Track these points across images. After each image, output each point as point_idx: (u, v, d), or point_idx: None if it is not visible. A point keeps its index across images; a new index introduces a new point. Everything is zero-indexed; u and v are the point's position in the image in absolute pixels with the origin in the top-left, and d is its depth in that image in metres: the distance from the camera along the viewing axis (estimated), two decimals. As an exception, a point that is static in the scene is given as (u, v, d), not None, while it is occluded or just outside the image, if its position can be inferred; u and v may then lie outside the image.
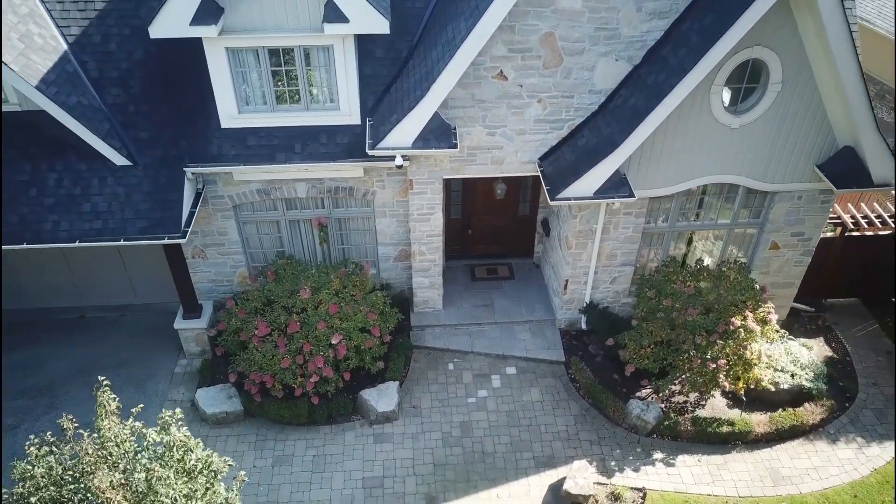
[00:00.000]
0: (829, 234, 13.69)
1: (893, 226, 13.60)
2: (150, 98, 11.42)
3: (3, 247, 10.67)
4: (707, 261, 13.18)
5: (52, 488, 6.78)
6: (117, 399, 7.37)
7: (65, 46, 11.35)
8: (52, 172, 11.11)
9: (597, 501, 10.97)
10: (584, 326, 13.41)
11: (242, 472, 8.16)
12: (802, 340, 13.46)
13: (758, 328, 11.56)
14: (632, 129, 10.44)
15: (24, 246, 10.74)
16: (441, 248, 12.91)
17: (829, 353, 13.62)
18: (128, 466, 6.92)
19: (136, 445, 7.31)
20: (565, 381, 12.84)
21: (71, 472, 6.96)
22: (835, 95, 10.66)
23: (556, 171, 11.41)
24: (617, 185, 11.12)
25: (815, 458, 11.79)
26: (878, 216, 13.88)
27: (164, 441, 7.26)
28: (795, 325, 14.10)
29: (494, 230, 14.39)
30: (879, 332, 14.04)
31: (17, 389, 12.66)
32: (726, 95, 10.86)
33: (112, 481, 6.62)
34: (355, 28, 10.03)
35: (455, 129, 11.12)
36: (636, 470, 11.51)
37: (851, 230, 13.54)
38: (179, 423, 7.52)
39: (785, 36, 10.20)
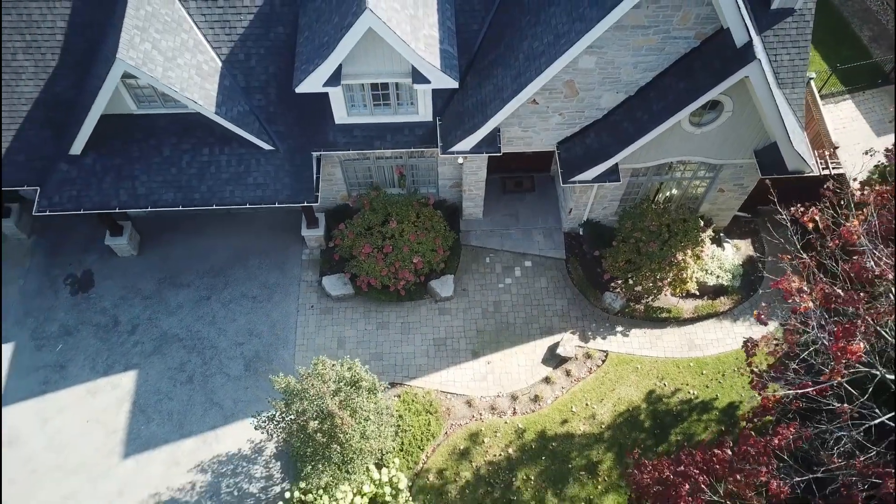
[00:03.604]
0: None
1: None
2: (283, 101, 16.06)
3: (200, 207, 16.31)
4: (674, 190, 18.47)
5: (306, 403, 13.24)
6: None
7: (220, 64, 15.72)
8: (223, 155, 16.30)
9: (577, 358, 17.99)
10: (581, 233, 19.25)
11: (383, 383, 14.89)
12: (735, 241, 19.39)
13: (692, 262, 17.48)
14: (622, 147, 15.30)
15: (213, 207, 16.38)
16: (484, 186, 18.24)
17: (752, 251, 19.55)
18: (340, 393, 13.51)
19: (339, 380, 13.81)
20: (564, 273, 19.09)
21: (311, 397, 13.42)
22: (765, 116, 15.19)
23: (568, 157, 16.36)
24: (609, 174, 16.20)
25: (720, 332, 18.48)
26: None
27: (349, 377, 13.80)
28: (734, 228, 19.79)
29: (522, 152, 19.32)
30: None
31: (203, 270, 19.08)
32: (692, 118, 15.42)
33: (339, 402, 13.27)
34: (434, 86, 14.47)
35: (500, 132, 15.90)
36: (604, 338, 18.33)
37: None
38: (357, 361, 13.98)
39: (736, 88, 14.48)
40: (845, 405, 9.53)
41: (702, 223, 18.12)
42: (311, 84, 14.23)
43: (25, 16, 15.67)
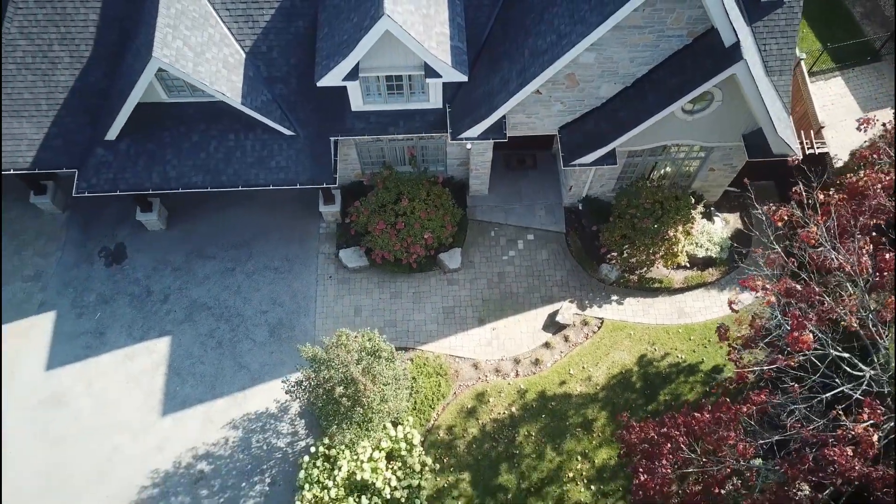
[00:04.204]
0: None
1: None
2: (303, 90, 17.21)
3: (230, 189, 17.61)
4: (668, 168, 19.71)
5: (332, 371, 14.84)
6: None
7: (244, 56, 16.82)
8: (247, 141, 17.53)
9: (574, 325, 19.55)
10: (580, 208, 20.58)
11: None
12: (725, 215, 20.76)
13: (682, 237, 18.86)
14: (619, 135, 16.53)
15: (240, 188, 17.69)
16: (489, 165, 19.49)
17: (740, 225, 20.91)
18: (362, 361, 15.07)
19: (361, 349, 15.36)
20: (564, 246, 20.49)
21: (337, 366, 14.99)
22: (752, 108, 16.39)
23: (568, 142, 17.59)
24: (606, 157, 17.45)
25: (707, 301, 19.99)
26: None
27: (370, 347, 15.33)
28: (724, 202, 21.10)
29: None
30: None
31: (227, 243, 20.48)
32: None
33: (362, 369, 14.83)
34: (445, 79, 15.62)
35: (505, 119, 17.08)
36: (600, 307, 19.84)
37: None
38: (376, 332, 15.50)
39: (725, 81, 15.62)
40: (795, 385, 11.07)
41: (693, 200, 19.42)
42: (332, 79, 15.39)
43: (60, 9, 16.70)
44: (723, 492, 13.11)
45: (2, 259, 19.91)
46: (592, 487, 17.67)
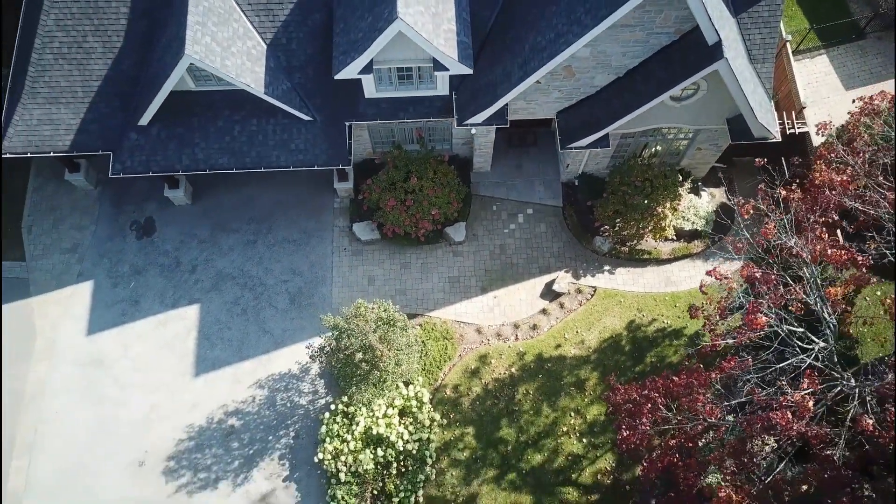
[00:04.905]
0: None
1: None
2: (320, 78, 18.56)
3: (253, 170, 19.13)
4: (658, 147, 21.16)
5: (352, 339, 16.57)
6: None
7: (265, 48, 18.14)
8: (269, 125, 18.96)
9: (569, 293, 21.28)
10: (576, 183, 22.10)
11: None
12: (711, 189, 22.29)
13: (669, 213, 20.43)
14: (612, 122, 17.95)
15: (262, 169, 19.19)
16: (492, 145, 20.93)
17: (724, 199, 22.43)
18: (379, 328, 16.81)
19: (378, 319, 17.06)
20: (560, 220, 22.08)
21: (356, 334, 16.71)
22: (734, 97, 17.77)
23: (566, 126, 19.00)
24: (600, 141, 18.90)
25: (692, 270, 21.66)
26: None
27: (385, 317, 17.05)
28: (711, 177, 22.59)
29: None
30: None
31: (246, 217, 22.07)
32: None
33: (378, 337, 16.59)
34: (452, 72, 17.00)
35: (507, 105, 18.47)
36: (593, 276, 21.54)
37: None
38: (390, 302, 17.24)
39: (711, 74, 16.98)
40: (748, 358, 12.85)
41: (680, 178, 20.92)
42: (348, 73, 16.77)
43: (93, 3, 17.94)
44: (700, 444, 15.04)
45: (40, 233, 21.56)
46: (584, 440, 19.66)
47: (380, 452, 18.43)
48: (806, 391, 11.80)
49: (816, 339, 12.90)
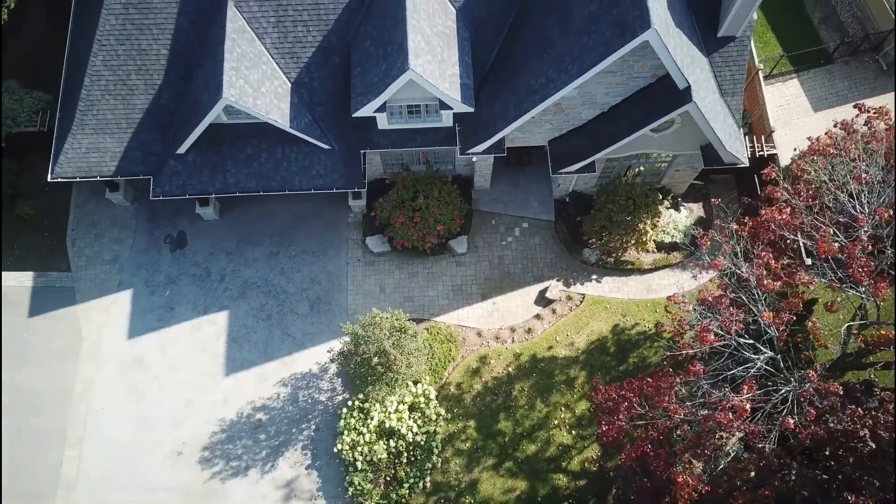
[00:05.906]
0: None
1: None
2: (338, 112, 20.85)
3: (278, 192, 21.44)
4: (641, 168, 23.48)
5: (368, 345, 18.97)
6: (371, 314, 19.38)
7: (289, 86, 20.42)
8: (292, 153, 21.28)
9: (561, 300, 23.69)
10: (567, 200, 24.44)
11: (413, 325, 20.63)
12: (689, 204, 24.66)
13: (650, 229, 22.81)
14: (597, 152, 20.28)
15: (286, 192, 21.51)
16: (491, 168, 23.25)
17: (702, 213, 24.80)
18: (392, 335, 19.18)
19: (391, 327, 19.45)
20: (553, 233, 24.44)
21: (372, 340, 19.10)
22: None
23: (556, 152, 21.32)
24: (588, 167, 21.24)
25: (671, 279, 24.05)
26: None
27: (398, 325, 19.43)
28: (690, 193, 24.94)
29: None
30: (734, 200, 24.93)
31: (269, 231, 24.41)
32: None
33: (392, 343, 19.02)
34: (455, 111, 19.30)
35: (504, 137, 20.80)
36: (582, 284, 23.93)
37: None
38: (400, 311, 19.63)
39: (683, 113, 19.29)
40: (701, 368, 15.30)
41: (660, 197, 23.27)
42: (365, 112, 19.08)
43: (136, 45, 20.21)
44: (673, 437, 17.51)
45: (82, 246, 23.90)
46: (573, 432, 22.13)
47: (392, 443, 20.90)
48: (746, 396, 14.23)
49: (765, 350, 15.33)
